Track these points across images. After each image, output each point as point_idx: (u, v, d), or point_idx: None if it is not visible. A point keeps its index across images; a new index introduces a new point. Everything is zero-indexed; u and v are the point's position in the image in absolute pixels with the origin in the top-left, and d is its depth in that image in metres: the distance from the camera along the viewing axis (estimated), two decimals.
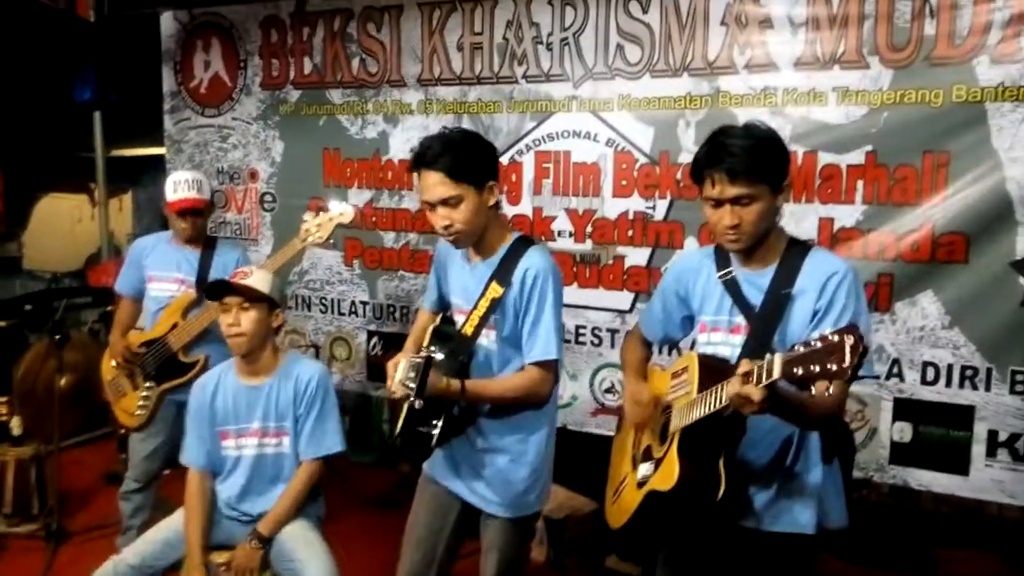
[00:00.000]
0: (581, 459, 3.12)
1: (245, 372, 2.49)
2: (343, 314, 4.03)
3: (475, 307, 2.11)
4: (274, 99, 4.10)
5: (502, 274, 2.08)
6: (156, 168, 4.61)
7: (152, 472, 3.15)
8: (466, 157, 2.02)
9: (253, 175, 4.20)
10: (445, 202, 2.01)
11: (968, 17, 2.69)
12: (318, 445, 2.46)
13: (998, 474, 2.74)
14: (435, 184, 2.00)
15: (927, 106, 2.76)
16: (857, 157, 2.88)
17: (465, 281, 2.17)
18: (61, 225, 6.70)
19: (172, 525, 2.49)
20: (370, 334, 3.98)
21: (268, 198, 4.18)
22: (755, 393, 1.51)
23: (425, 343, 2.21)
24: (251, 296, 2.39)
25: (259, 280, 2.43)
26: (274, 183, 4.15)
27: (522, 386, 2.08)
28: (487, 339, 2.11)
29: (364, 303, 3.97)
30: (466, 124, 3.58)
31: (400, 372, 1.97)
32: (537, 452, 2.16)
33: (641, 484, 1.92)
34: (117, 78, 4.49)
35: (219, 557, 2.41)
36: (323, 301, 4.07)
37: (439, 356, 2.07)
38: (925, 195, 2.79)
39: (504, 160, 3.52)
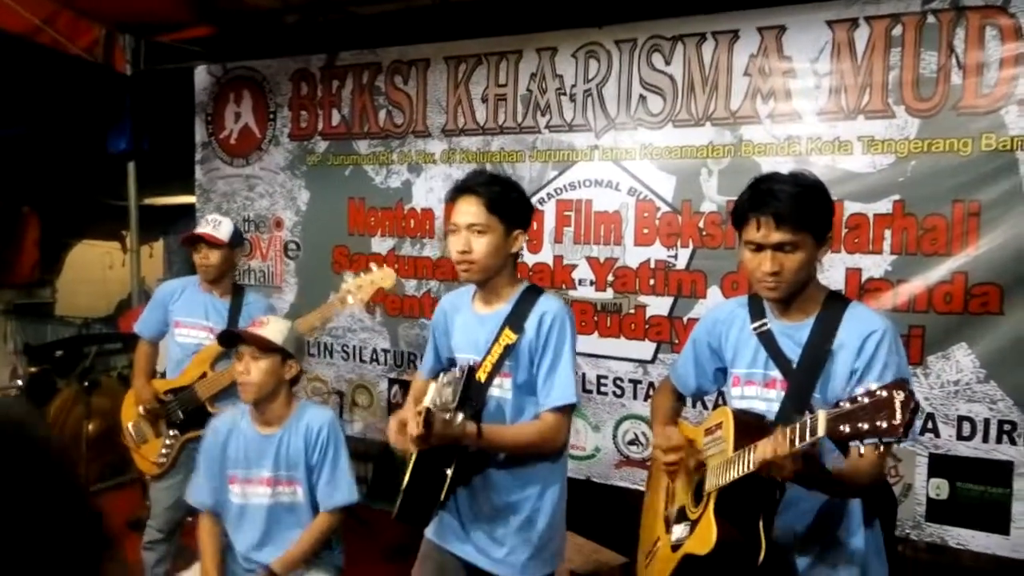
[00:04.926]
0: (606, 512, 3.06)
1: (258, 420, 2.48)
2: (364, 361, 4.03)
3: (487, 354, 2.07)
4: (302, 150, 4.16)
5: (515, 321, 2.07)
6: (187, 216, 4.69)
7: (175, 521, 3.13)
8: (507, 196, 2.07)
9: (278, 224, 4.25)
10: (471, 227, 2.03)
11: (995, 67, 2.67)
12: (332, 496, 2.43)
13: None
14: (469, 208, 2.04)
15: (956, 155, 2.73)
16: (884, 206, 2.84)
17: (474, 333, 2.14)
18: (93, 272, 6.82)
19: None
20: (391, 382, 3.97)
21: (292, 246, 4.23)
22: (787, 462, 1.48)
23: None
24: (262, 346, 2.39)
25: (273, 330, 2.43)
26: (299, 231, 4.20)
27: (539, 433, 2.04)
28: (500, 388, 2.07)
29: (385, 351, 3.97)
30: None
31: (431, 395, 1.93)
32: (552, 507, 2.11)
33: (676, 547, 1.84)
34: (151, 129, 4.60)
35: None
36: (345, 348, 4.07)
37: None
38: (956, 245, 2.74)
39: None
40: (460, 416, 1.90)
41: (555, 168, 3.50)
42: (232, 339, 2.46)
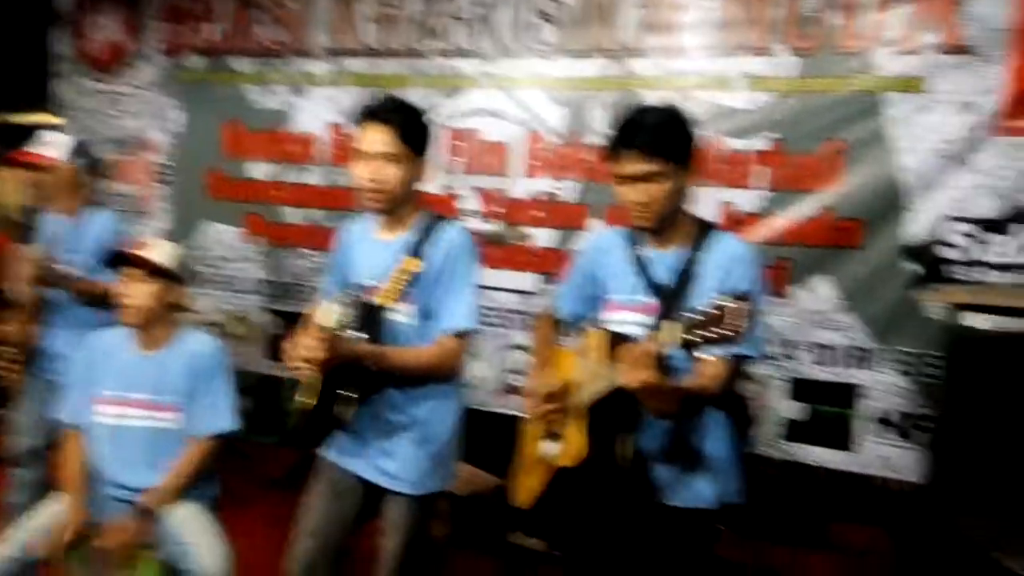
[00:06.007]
0: (486, 438, 3.09)
1: (138, 342, 2.38)
2: (243, 292, 3.88)
3: (390, 280, 2.04)
4: (175, 66, 3.92)
5: (418, 248, 2.05)
6: None
7: (35, 448, 2.96)
8: (418, 124, 2.04)
9: (149, 145, 3.99)
10: (382, 155, 1.98)
11: (870, 9, 2.77)
12: (210, 421, 2.36)
13: (884, 450, 2.84)
14: (382, 137, 1.98)
15: (830, 94, 2.84)
16: (761, 143, 2.94)
17: (376, 259, 2.10)
18: None
19: (52, 512, 2.34)
20: (271, 313, 3.85)
21: (164, 170, 3.99)
22: (643, 372, 1.53)
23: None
24: (148, 268, 2.29)
25: (160, 253, 2.33)
26: (172, 154, 3.96)
27: (438, 356, 2.04)
28: (402, 314, 2.05)
29: (267, 281, 3.83)
30: None
31: (326, 315, 1.89)
32: (447, 427, 2.13)
33: (548, 462, 1.91)
34: (3, 39, 4.21)
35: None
36: (222, 278, 3.91)
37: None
38: (824, 182, 2.86)
39: None
40: (357, 333, 1.90)
41: (445, 95, 3.42)
42: (118, 260, 2.34)
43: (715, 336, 1.43)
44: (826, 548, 3.12)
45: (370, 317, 2.02)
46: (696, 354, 1.65)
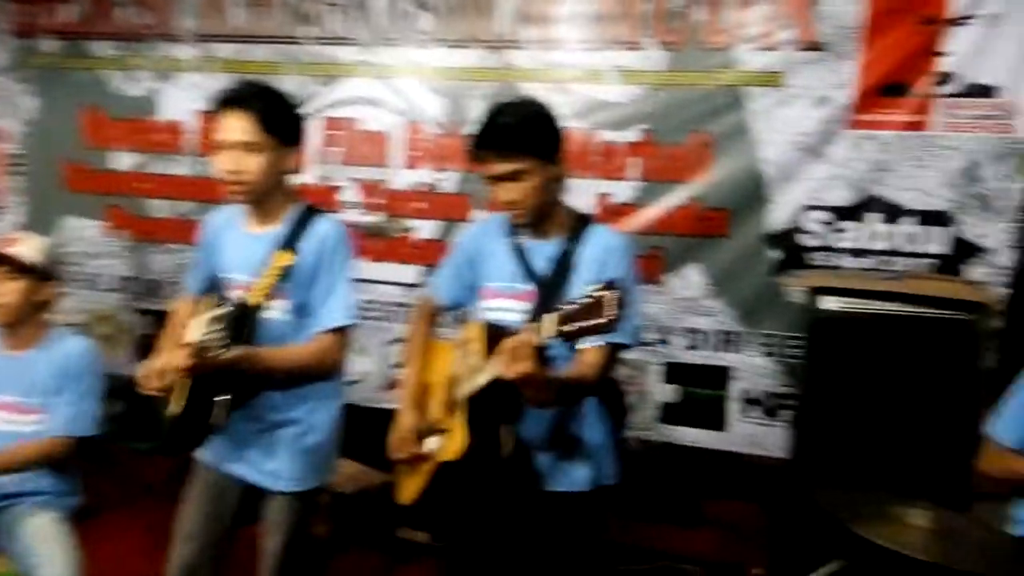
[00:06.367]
0: (371, 434, 3.05)
1: (4, 342, 2.28)
2: (107, 290, 3.68)
3: (262, 276, 1.96)
4: (27, 49, 3.66)
5: (291, 241, 1.97)
6: None
7: None
8: (281, 110, 1.95)
9: None
10: (242, 145, 1.88)
11: (732, 6, 2.87)
12: (67, 424, 2.26)
13: (752, 429, 2.99)
14: (240, 125, 1.88)
15: (696, 88, 2.94)
16: (633, 135, 3.01)
17: (245, 252, 2.02)
18: None
19: None
20: (138, 312, 3.67)
21: (17, 161, 3.72)
22: (523, 364, 1.54)
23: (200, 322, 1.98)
24: (13, 265, 2.19)
25: (28, 249, 2.22)
26: (25, 144, 3.71)
27: (315, 354, 1.98)
28: (276, 310, 1.98)
29: (132, 278, 3.65)
30: None
31: (196, 332, 1.79)
32: (327, 424, 2.09)
33: (431, 457, 1.91)
34: None
35: None
36: (84, 276, 3.69)
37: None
38: (693, 173, 2.96)
39: None
40: (234, 351, 1.81)
41: (320, 83, 3.33)
42: None
43: (591, 326, 1.46)
44: (703, 524, 3.25)
45: (242, 317, 1.92)
46: (573, 344, 1.69)
